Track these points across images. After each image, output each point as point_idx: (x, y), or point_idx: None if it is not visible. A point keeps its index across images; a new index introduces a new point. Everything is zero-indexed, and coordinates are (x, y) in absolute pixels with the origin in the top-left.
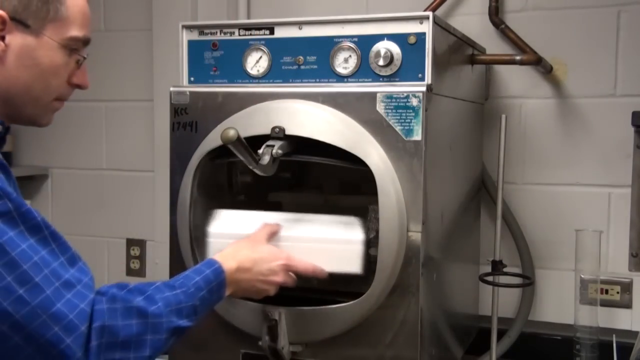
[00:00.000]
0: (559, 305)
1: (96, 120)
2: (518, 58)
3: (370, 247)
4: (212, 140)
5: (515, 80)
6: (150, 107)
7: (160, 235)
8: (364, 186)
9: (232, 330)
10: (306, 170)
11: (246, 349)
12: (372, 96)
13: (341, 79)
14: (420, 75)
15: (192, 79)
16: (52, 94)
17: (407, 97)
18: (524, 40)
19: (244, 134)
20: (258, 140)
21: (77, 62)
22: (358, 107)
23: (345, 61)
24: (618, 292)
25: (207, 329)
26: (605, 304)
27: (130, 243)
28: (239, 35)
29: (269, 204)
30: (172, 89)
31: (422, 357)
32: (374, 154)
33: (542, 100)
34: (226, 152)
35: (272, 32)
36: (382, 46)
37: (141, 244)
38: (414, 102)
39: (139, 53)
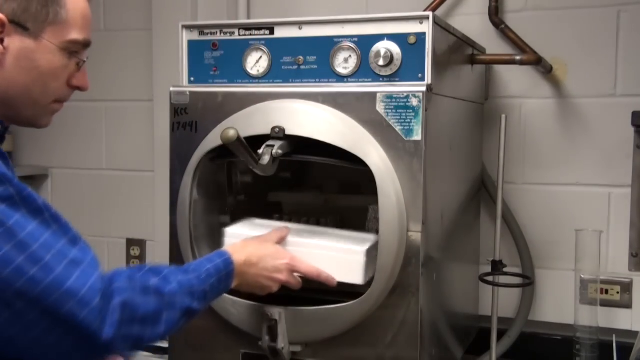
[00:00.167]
0: (559, 305)
1: (96, 120)
2: (518, 58)
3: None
4: (212, 140)
5: (515, 80)
6: (150, 107)
7: (160, 235)
8: (364, 186)
9: (232, 330)
10: (306, 170)
11: (246, 349)
12: (372, 96)
13: (341, 79)
14: (420, 75)
15: (192, 79)
16: (51, 96)
17: (407, 97)
18: (524, 40)
19: (244, 134)
20: (258, 140)
21: (77, 65)
22: (358, 107)
23: (345, 61)
24: (618, 292)
25: (207, 329)
26: (605, 304)
27: (130, 243)
28: (239, 35)
29: (269, 204)
30: (172, 89)
31: (422, 357)
32: (374, 154)
33: (542, 100)
34: (226, 152)
35: (272, 32)
36: (382, 46)
37: (141, 244)
38: (414, 102)
39: (139, 53)
